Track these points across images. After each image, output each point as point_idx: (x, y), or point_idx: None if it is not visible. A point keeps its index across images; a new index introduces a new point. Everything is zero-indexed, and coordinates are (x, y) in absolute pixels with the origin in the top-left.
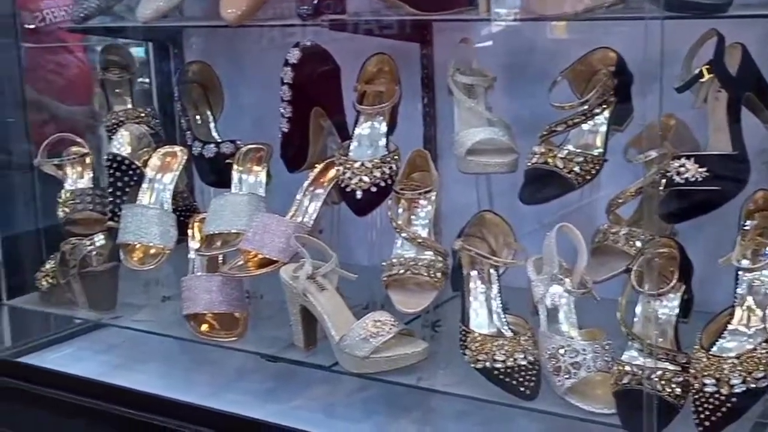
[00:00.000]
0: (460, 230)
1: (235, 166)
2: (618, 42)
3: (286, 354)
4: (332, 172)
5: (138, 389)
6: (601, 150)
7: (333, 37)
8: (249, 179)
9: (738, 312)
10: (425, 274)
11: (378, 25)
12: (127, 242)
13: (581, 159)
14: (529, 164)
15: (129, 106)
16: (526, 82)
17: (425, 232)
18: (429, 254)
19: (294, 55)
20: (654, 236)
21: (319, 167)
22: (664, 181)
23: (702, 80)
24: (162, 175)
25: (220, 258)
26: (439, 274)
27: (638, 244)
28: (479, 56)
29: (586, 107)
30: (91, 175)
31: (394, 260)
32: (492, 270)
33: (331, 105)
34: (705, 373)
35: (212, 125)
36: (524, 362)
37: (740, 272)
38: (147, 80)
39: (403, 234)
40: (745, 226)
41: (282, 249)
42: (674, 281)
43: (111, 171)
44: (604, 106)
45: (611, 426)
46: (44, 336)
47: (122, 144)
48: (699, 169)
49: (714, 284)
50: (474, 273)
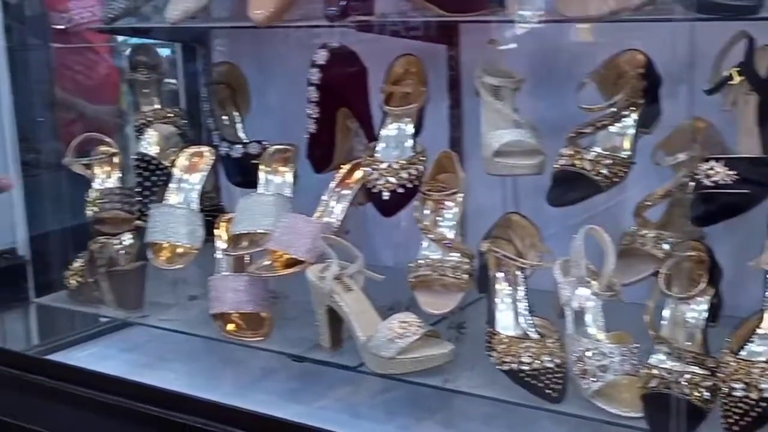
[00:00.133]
0: (487, 232)
1: (262, 167)
2: (646, 44)
3: (312, 354)
4: (359, 173)
5: (164, 387)
6: (630, 152)
7: (359, 38)
8: (276, 180)
9: (767, 316)
10: (451, 276)
11: (405, 27)
12: (155, 241)
13: (609, 161)
14: (557, 166)
15: (157, 106)
16: (553, 84)
17: (451, 234)
18: (455, 256)
19: (321, 56)
20: (683, 239)
21: (346, 168)
22: (693, 184)
23: (731, 83)
24: (190, 175)
25: (247, 258)
26: (466, 276)
27: (666, 247)
28: (506, 57)
29: (614, 109)
30: (119, 175)
31: (421, 261)
32: (518, 272)
33: (358, 106)
34: (734, 378)
35: (239, 126)
36: (551, 365)
37: None
38: (174, 81)
39: (430, 235)
40: None
41: (309, 249)
42: (703, 285)
43: (139, 171)
44: (633, 108)
45: (639, 429)
46: (71, 334)
47: (150, 144)
48: (728, 172)
49: (743, 288)
50: (500, 275)
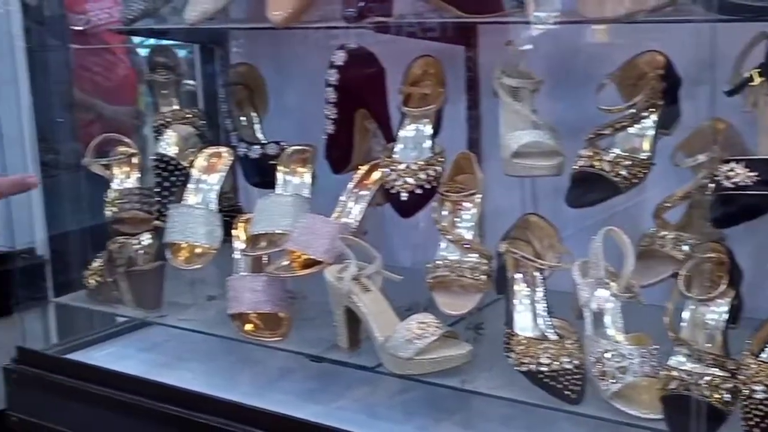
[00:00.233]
0: (505, 233)
1: (280, 167)
2: (664, 45)
3: (330, 354)
4: (377, 174)
5: (182, 387)
6: (649, 154)
7: (377, 39)
8: (294, 180)
9: None
10: (469, 277)
11: (423, 28)
12: (174, 242)
13: (629, 162)
14: (576, 167)
15: (176, 107)
16: (572, 85)
17: (470, 235)
18: (473, 257)
19: (339, 57)
20: (702, 241)
21: (364, 169)
22: (713, 186)
23: (752, 84)
24: (208, 176)
25: (265, 258)
26: (484, 277)
27: (686, 249)
28: (525, 59)
29: (634, 110)
30: (138, 175)
31: (439, 262)
32: (537, 273)
33: (376, 107)
34: (755, 380)
35: (257, 126)
36: (570, 366)
37: None
38: (192, 82)
39: (448, 236)
40: None
41: (327, 250)
42: (723, 286)
43: (158, 171)
44: (652, 110)
45: (658, 431)
46: (89, 334)
47: (169, 144)
48: (748, 174)
49: (763, 289)
50: (519, 276)
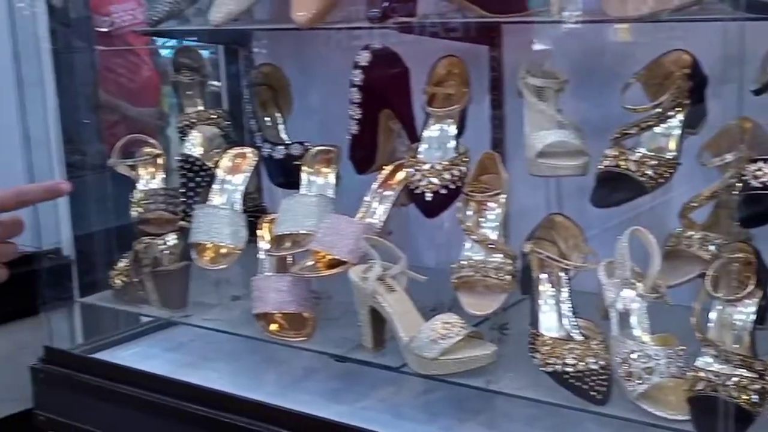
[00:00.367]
0: (530, 233)
1: (305, 168)
2: (689, 44)
3: (354, 354)
4: (401, 174)
5: (207, 386)
6: (675, 153)
7: (401, 40)
8: (318, 181)
9: None
10: (494, 277)
11: (447, 28)
12: (199, 242)
13: (654, 162)
14: (601, 167)
15: (200, 108)
16: (596, 85)
17: (494, 235)
18: (498, 257)
19: (364, 58)
20: (729, 241)
21: (388, 169)
22: (740, 185)
23: None
24: (233, 176)
25: (290, 258)
26: (508, 277)
27: (712, 249)
28: (549, 58)
29: (660, 110)
30: (163, 176)
31: (463, 262)
32: (562, 273)
33: (401, 107)
34: None
35: (281, 127)
36: (595, 366)
37: None
38: (217, 83)
39: (473, 236)
40: None
41: (351, 250)
42: (750, 287)
43: (183, 172)
44: (678, 109)
45: None
46: (114, 334)
47: (194, 145)
48: None
49: None
50: (544, 276)
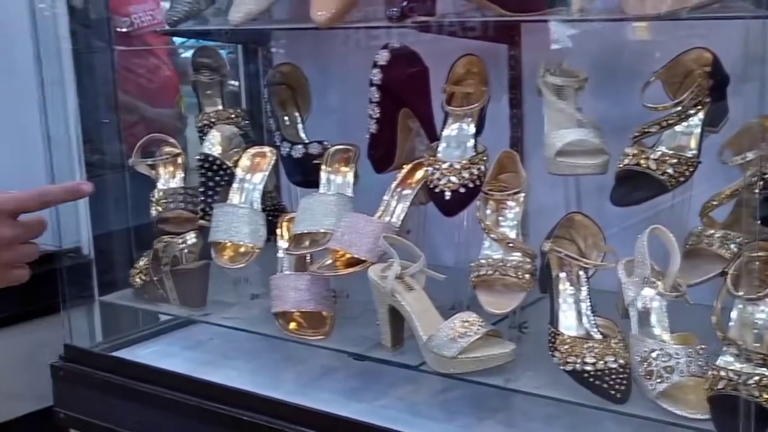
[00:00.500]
0: (549, 231)
1: (323, 167)
2: (710, 42)
3: (373, 353)
4: (420, 173)
5: (226, 384)
6: (695, 152)
7: (419, 39)
8: (337, 179)
9: None
10: (513, 276)
11: (465, 27)
12: (218, 241)
13: (675, 161)
14: (621, 166)
15: (219, 107)
16: (616, 83)
17: (513, 234)
18: (517, 255)
19: (383, 57)
20: (750, 239)
21: (407, 168)
22: (761, 183)
23: None
24: (252, 175)
25: (308, 257)
26: (527, 276)
27: (733, 248)
28: (568, 57)
29: (680, 108)
30: (183, 175)
31: (482, 261)
32: (581, 272)
33: (419, 106)
34: None
35: (300, 126)
36: (615, 365)
37: None
38: (235, 82)
39: (492, 235)
40: None
41: (370, 249)
42: None
43: (202, 171)
44: (699, 107)
45: None
46: (134, 332)
47: (213, 144)
48: None
49: None
50: (563, 275)
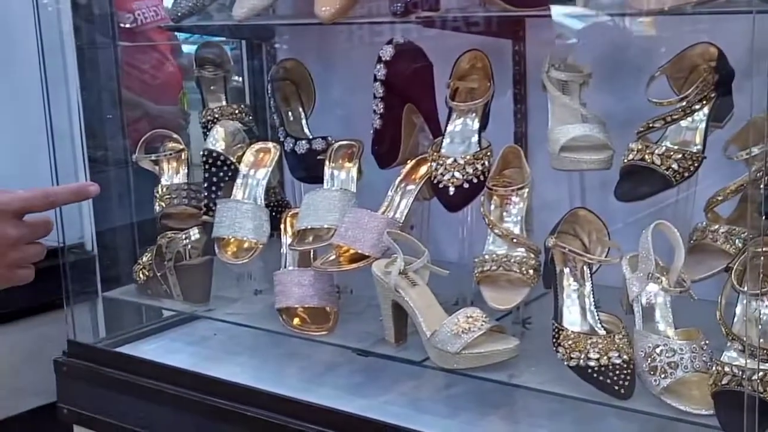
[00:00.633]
0: (553, 227)
1: (327, 162)
2: (715, 37)
3: (377, 348)
4: (424, 169)
5: (230, 380)
6: (700, 147)
7: (423, 34)
8: (340, 175)
9: None
10: (517, 271)
11: (470, 22)
12: (222, 236)
13: (679, 156)
14: (626, 161)
15: (223, 103)
16: (620, 78)
17: (517, 229)
18: (521, 251)
19: (387, 52)
20: (755, 235)
21: (411, 163)
22: (766, 179)
23: None
24: (255, 171)
25: (312, 253)
26: (531, 271)
27: (738, 243)
28: (572, 52)
29: (685, 103)
30: (186, 171)
31: (486, 257)
32: (585, 267)
33: (424, 102)
34: None
35: (304, 122)
36: (618, 361)
37: None
38: (239, 78)
39: (496, 230)
40: None
41: (374, 244)
42: None
43: (206, 166)
44: (704, 102)
45: (709, 427)
46: (137, 328)
47: (217, 140)
48: None
49: None
50: (567, 270)
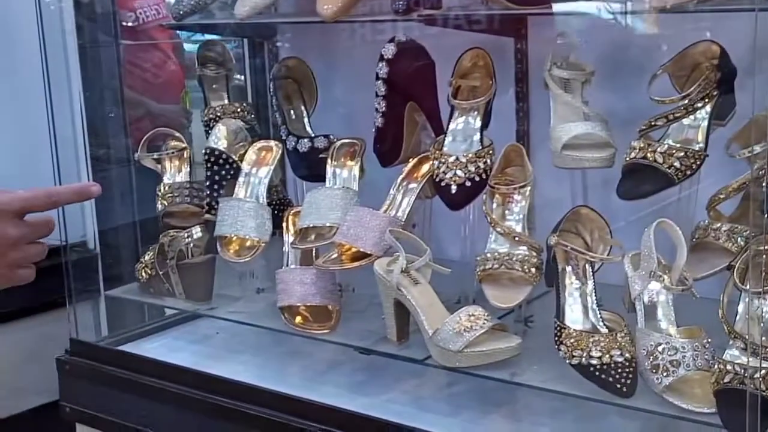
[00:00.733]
0: (555, 225)
1: (329, 161)
2: (717, 35)
3: (379, 347)
4: (426, 167)
5: (232, 378)
6: (702, 145)
7: (425, 32)
8: (343, 173)
9: None
10: (519, 269)
11: (472, 20)
12: (224, 235)
13: (681, 154)
14: (628, 159)
15: (225, 102)
16: (622, 76)
17: (519, 227)
18: (523, 249)
19: (389, 51)
20: (757, 233)
21: (413, 162)
22: None
23: None
24: (257, 169)
25: (314, 251)
26: (533, 270)
27: (740, 241)
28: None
29: (687, 101)
30: (188, 169)
31: (488, 255)
32: (587, 266)
33: (426, 100)
34: None
35: (306, 120)
36: (620, 359)
37: None
38: (241, 77)
39: (498, 229)
40: None
41: (376, 243)
42: None
43: (208, 165)
44: (706, 100)
45: (711, 425)
46: (139, 326)
47: (219, 138)
48: None
49: None
50: (569, 268)
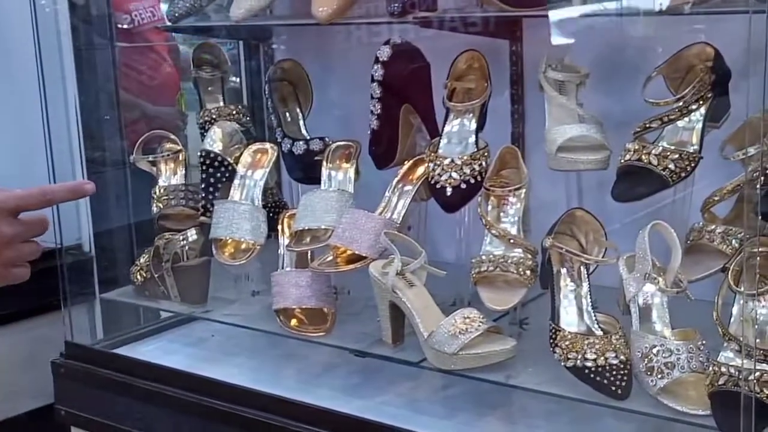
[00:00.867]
0: (550, 227)
1: (325, 163)
2: (711, 37)
3: (374, 349)
4: (421, 169)
5: (227, 381)
6: (697, 147)
7: (420, 34)
8: (338, 176)
9: None
10: (514, 272)
11: (467, 22)
12: (219, 237)
13: (676, 156)
14: (622, 161)
15: (221, 104)
16: (617, 79)
17: (514, 230)
18: (518, 252)
19: (385, 53)
20: (752, 235)
21: (408, 164)
22: (763, 179)
23: None
24: (253, 172)
25: (309, 254)
26: (528, 272)
27: (735, 243)
28: (569, 52)
29: (682, 103)
30: (184, 172)
31: (483, 257)
32: (582, 268)
33: (421, 102)
34: None
35: (301, 122)
36: (615, 361)
37: None
38: (237, 79)
39: (493, 231)
40: None
41: (371, 245)
42: None
43: (204, 167)
44: (701, 103)
45: (706, 428)
46: (134, 329)
47: (214, 141)
48: None
49: None
50: (564, 271)
